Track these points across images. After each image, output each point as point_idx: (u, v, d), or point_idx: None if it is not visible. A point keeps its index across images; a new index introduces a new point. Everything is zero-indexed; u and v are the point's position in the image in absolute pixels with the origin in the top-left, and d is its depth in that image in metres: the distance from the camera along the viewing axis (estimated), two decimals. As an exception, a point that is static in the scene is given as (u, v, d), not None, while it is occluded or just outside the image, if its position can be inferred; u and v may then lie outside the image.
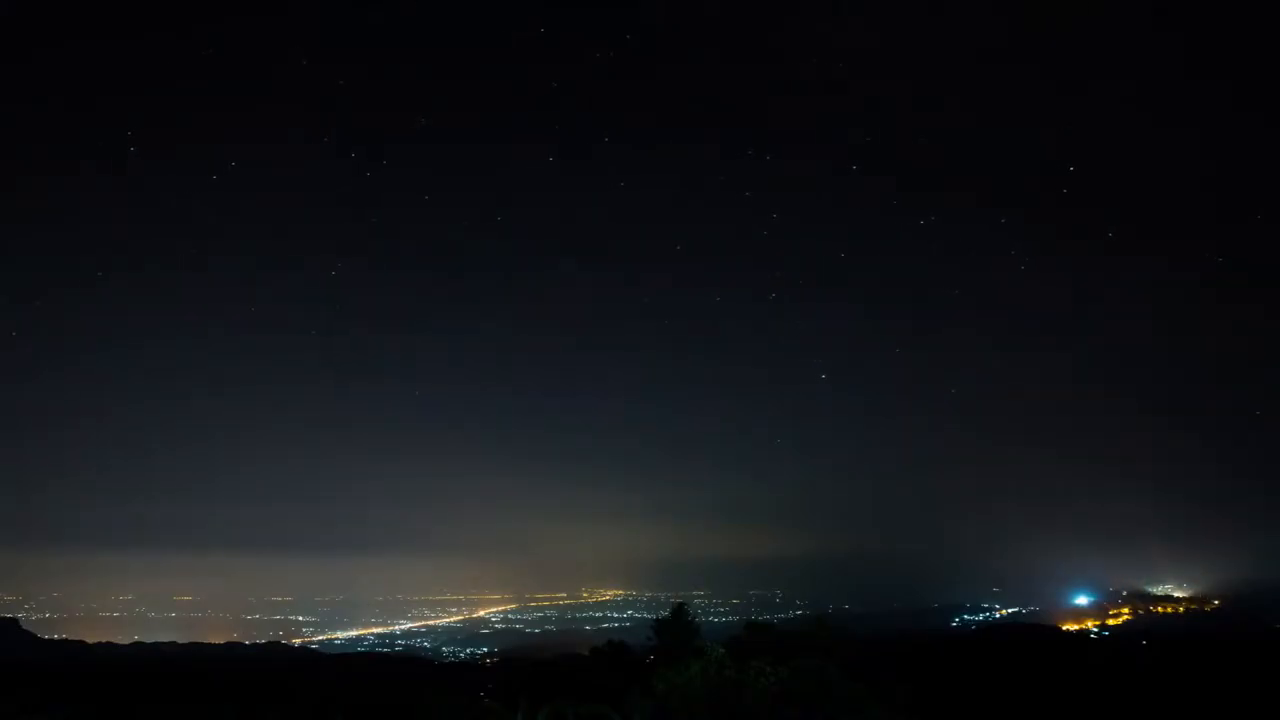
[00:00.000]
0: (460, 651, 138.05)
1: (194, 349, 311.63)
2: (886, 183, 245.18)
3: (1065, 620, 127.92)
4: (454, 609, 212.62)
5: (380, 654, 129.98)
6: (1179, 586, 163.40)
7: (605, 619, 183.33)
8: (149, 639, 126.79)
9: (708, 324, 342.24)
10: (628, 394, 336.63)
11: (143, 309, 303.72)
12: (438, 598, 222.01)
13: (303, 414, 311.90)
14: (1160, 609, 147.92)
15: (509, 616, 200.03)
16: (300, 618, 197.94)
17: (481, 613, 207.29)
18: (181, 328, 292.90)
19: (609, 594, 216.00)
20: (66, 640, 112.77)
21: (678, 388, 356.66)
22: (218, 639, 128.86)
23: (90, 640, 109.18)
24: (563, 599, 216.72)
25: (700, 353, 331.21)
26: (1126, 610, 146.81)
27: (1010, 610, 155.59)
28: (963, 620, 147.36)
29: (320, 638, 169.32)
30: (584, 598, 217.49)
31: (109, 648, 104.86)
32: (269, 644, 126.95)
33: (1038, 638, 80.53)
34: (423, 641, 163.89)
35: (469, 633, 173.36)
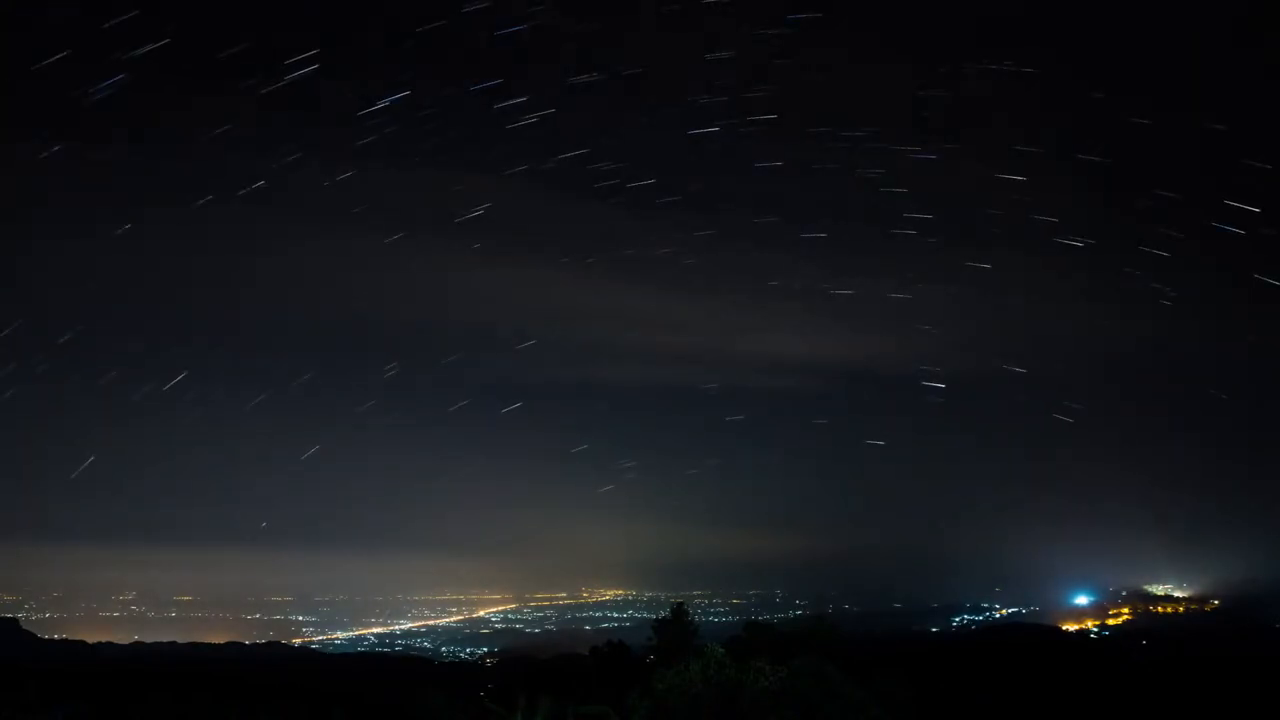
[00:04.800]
0: (460, 651, 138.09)
1: (194, 350, 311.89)
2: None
3: (1065, 620, 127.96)
4: (454, 609, 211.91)
5: (380, 654, 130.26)
6: (1179, 586, 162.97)
7: (605, 619, 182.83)
8: (149, 639, 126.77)
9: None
10: (628, 393, 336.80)
11: (142, 311, 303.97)
12: (438, 598, 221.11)
13: (302, 414, 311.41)
14: (1160, 609, 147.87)
15: (509, 616, 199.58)
16: (300, 618, 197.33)
17: (481, 613, 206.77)
18: (181, 329, 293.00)
19: (609, 594, 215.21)
20: (66, 640, 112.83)
21: (677, 387, 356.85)
22: (218, 639, 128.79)
23: (90, 640, 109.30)
24: (563, 599, 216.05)
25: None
26: (1126, 610, 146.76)
27: (1010, 610, 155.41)
28: (963, 620, 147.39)
29: (320, 638, 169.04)
30: (584, 598, 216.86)
31: (109, 648, 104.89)
32: (269, 644, 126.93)
33: (1038, 638, 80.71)
34: (423, 641, 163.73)
35: (469, 633, 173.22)
